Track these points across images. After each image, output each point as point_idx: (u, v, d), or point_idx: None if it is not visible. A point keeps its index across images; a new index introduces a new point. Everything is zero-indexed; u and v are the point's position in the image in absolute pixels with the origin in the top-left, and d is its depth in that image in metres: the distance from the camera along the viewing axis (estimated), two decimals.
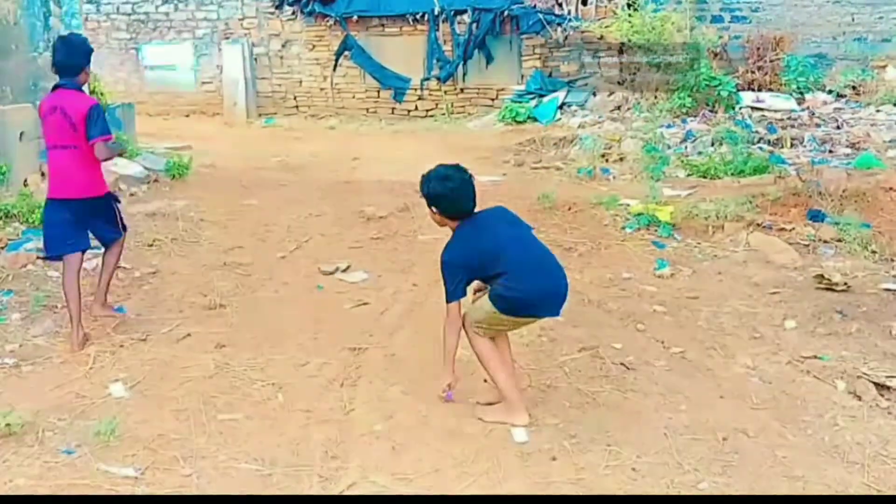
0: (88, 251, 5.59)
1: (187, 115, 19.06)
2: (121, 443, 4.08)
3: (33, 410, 4.39)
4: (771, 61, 16.03)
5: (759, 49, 16.23)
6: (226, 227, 8.13)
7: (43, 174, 8.83)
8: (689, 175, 10.60)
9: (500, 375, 4.38)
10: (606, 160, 11.53)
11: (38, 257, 6.73)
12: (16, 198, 8.02)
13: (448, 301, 4.36)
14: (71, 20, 10.52)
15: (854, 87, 16.12)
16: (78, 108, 5.21)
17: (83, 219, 5.43)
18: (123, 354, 5.19)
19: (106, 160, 5.48)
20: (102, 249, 5.77)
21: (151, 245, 7.51)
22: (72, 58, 5.33)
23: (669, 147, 12.12)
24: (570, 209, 8.82)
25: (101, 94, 11.72)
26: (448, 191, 4.38)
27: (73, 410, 4.44)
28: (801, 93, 15.84)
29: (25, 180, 8.40)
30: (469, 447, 4.08)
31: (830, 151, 11.78)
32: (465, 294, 4.40)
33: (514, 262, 4.31)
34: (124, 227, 5.78)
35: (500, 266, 4.29)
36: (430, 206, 4.44)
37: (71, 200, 5.34)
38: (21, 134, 8.53)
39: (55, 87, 5.36)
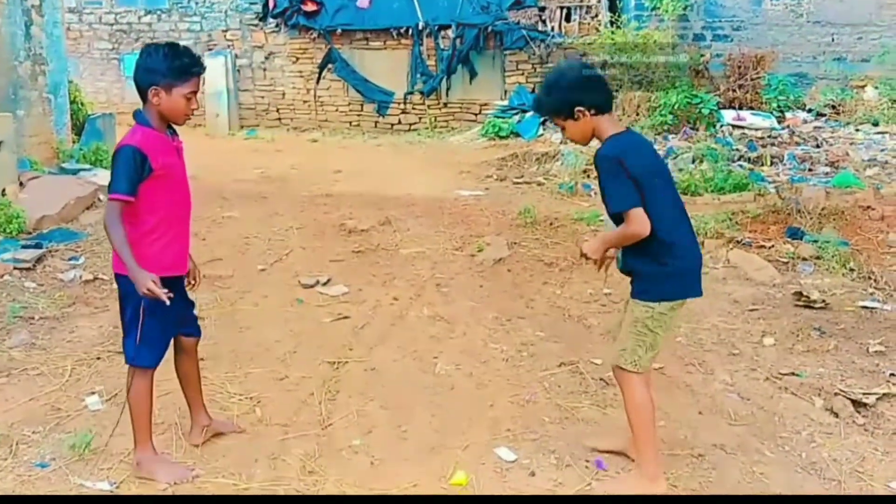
0: (66, 262, 5.53)
1: None
2: (96, 456, 4.01)
3: (7, 423, 4.33)
4: (752, 80, 16.18)
5: (740, 67, 16.38)
6: (205, 239, 8.07)
7: (21, 184, 8.76)
8: None
9: (649, 435, 3.72)
10: (588, 176, 11.56)
11: (14, 268, 6.68)
12: None
13: (622, 208, 3.46)
14: (53, 29, 10.46)
15: (833, 107, 16.32)
16: None
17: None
18: (100, 367, 5.13)
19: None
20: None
21: None
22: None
23: None
24: (551, 224, 8.84)
25: (82, 103, 11.67)
26: (595, 74, 3.66)
27: (48, 423, 4.37)
28: (782, 111, 16.01)
29: (3, 190, 8.30)
30: (448, 462, 4.05)
31: (810, 170, 11.90)
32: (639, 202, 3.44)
33: (667, 198, 3.59)
34: None
35: (652, 193, 3.49)
36: (572, 107, 3.55)
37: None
38: (0, 143, 8.43)
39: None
